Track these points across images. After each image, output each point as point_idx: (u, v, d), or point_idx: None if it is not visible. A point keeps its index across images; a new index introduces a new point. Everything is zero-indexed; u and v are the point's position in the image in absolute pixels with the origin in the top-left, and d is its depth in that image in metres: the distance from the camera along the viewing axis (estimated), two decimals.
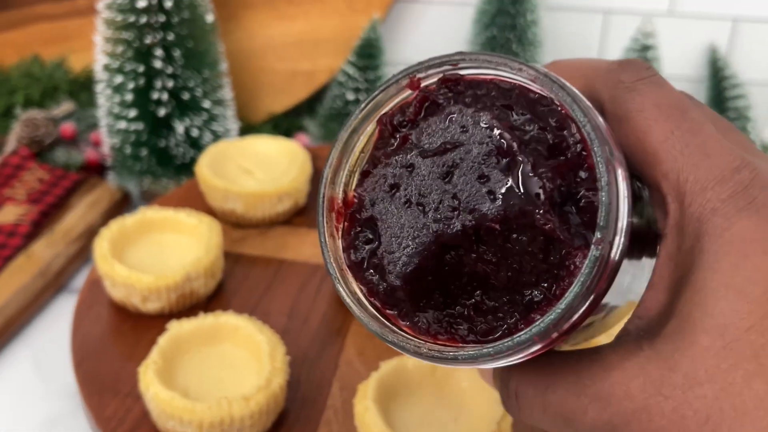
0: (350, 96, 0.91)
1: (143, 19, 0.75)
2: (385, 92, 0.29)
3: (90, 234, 0.76)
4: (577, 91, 0.26)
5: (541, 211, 0.26)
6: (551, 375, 0.29)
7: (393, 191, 0.28)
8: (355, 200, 0.29)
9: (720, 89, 0.91)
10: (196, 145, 0.82)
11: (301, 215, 0.76)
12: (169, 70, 0.78)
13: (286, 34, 0.95)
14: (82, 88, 0.94)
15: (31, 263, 0.72)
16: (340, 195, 0.29)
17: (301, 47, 0.95)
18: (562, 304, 0.25)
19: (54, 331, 0.68)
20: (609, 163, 0.25)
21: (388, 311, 0.28)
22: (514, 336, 0.26)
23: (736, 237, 0.26)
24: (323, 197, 0.29)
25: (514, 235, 0.26)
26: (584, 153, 0.26)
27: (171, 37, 0.77)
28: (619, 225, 0.25)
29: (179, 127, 0.81)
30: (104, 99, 0.80)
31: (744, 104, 0.90)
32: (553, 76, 0.26)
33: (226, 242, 0.71)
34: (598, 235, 0.25)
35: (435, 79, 0.28)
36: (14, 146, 0.86)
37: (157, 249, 0.66)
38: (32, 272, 0.71)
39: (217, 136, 0.83)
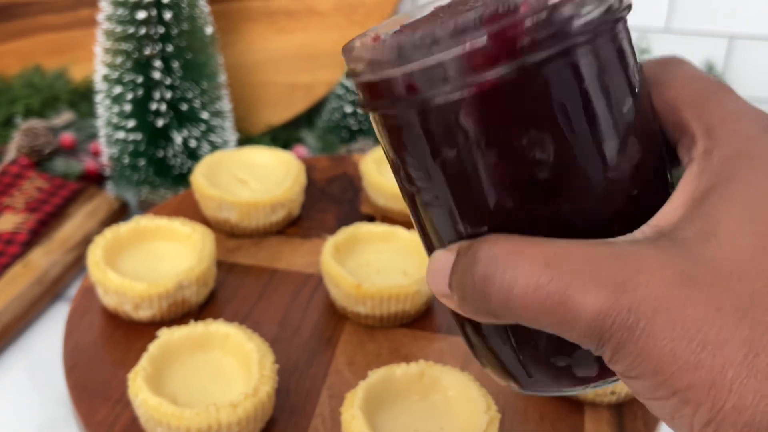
0: (348, 109, 0.92)
1: (142, 31, 0.76)
2: None
3: (87, 243, 0.75)
4: None
5: None
6: (555, 249, 0.27)
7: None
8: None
9: None
10: (194, 156, 0.82)
11: (294, 225, 0.76)
12: (168, 81, 0.79)
13: (285, 48, 0.95)
14: (82, 98, 0.95)
15: (28, 271, 0.72)
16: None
17: (300, 60, 0.96)
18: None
19: (50, 340, 0.69)
20: None
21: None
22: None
23: None
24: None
25: None
26: None
27: (170, 48, 0.78)
28: None
29: (177, 138, 0.81)
30: (103, 109, 0.81)
31: None
32: None
33: (220, 251, 0.71)
34: None
35: None
36: (14, 155, 0.87)
37: (151, 257, 0.67)
38: (29, 280, 0.72)
39: (215, 147, 0.83)
